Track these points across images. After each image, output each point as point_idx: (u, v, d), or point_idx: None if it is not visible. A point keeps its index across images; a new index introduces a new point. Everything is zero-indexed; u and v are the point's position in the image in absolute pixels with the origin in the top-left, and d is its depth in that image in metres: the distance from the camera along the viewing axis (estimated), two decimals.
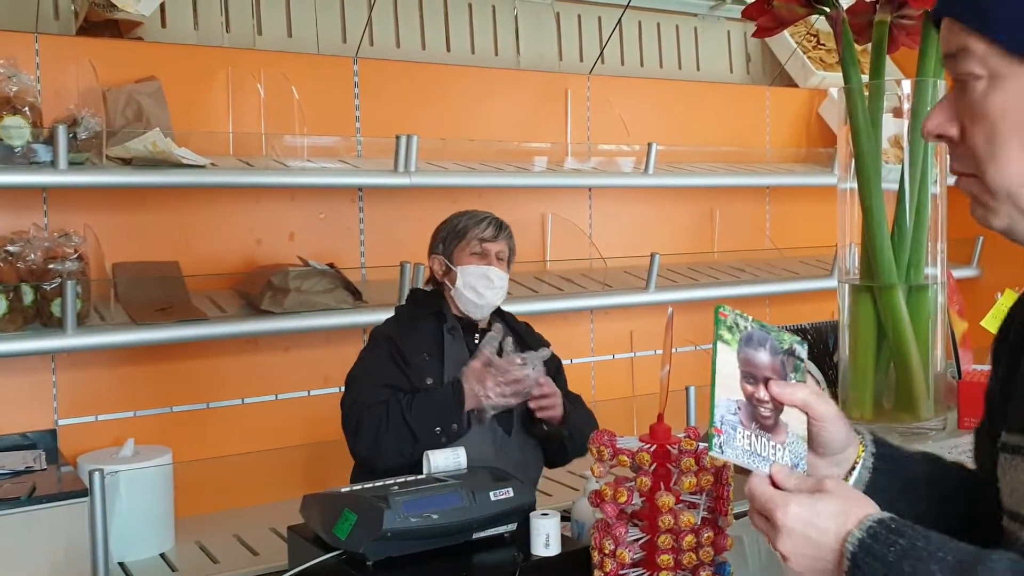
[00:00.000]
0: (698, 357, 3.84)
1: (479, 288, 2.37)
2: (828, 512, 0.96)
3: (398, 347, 2.33)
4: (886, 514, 0.96)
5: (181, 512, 2.76)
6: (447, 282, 2.42)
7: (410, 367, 2.31)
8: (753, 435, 1.04)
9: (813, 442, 1.10)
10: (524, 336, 2.49)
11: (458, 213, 2.50)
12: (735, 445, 1.03)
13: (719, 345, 1.07)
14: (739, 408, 1.05)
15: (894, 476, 1.15)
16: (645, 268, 3.46)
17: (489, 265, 2.39)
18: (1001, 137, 0.95)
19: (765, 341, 1.10)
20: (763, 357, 1.09)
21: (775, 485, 1.01)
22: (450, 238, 2.43)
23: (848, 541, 0.94)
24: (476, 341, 2.38)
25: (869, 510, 0.97)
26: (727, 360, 1.06)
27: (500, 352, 2.26)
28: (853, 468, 1.13)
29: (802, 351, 1.13)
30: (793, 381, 1.09)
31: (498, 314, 2.49)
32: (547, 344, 2.53)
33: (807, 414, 1.09)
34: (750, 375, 1.07)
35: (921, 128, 1.04)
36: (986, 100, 0.95)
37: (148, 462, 2.63)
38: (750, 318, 1.10)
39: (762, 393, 1.07)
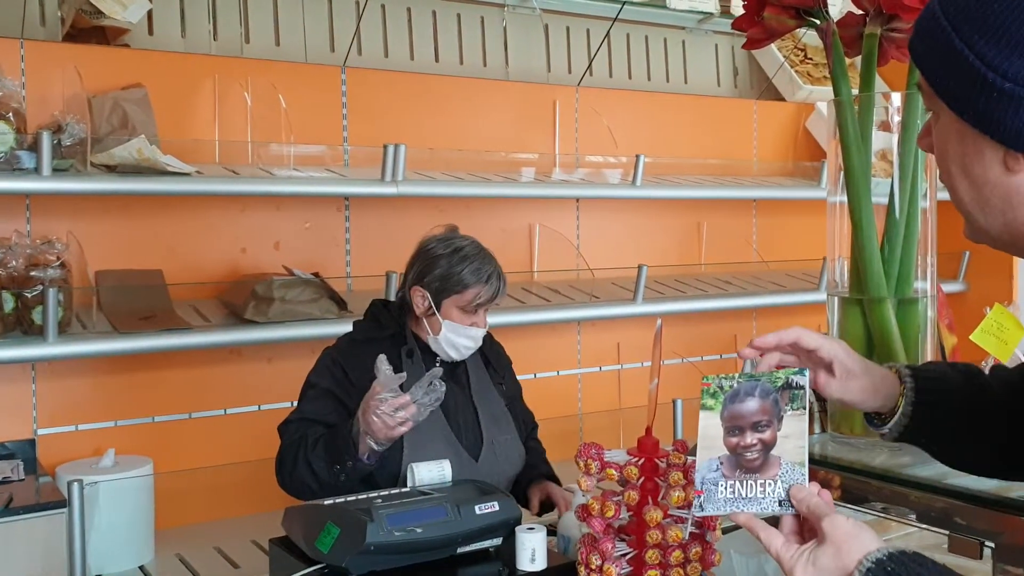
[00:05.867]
0: (686, 370, 3.85)
1: (459, 346, 2.26)
2: (827, 566, 1.06)
3: (344, 372, 2.22)
4: (884, 553, 1.03)
5: (161, 524, 2.72)
6: (426, 320, 2.26)
7: (356, 388, 2.16)
8: (737, 482, 1.16)
9: (830, 375, 1.27)
10: (489, 355, 2.40)
11: (460, 254, 2.24)
12: (716, 499, 1.16)
13: (702, 412, 1.19)
14: (721, 463, 1.17)
15: (935, 415, 1.28)
16: (632, 279, 3.46)
17: (475, 325, 2.25)
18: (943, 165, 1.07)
19: (753, 389, 1.19)
20: (750, 405, 1.18)
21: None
22: (446, 285, 2.22)
23: None
24: (437, 364, 2.25)
25: (867, 549, 1.04)
26: (709, 424, 1.18)
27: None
28: (894, 412, 1.29)
29: (802, 379, 1.20)
30: (789, 411, 1.18)
31: None
32: (509, 363, 2.46)
33: (809, 353, 1.27)
34: (734, 428, 1.18)
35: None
36: (936, 131, 1.06)
37: (128, 473, 2.60)
38: (736, 376, 1.21)
39: (747, 439, 1.17)
